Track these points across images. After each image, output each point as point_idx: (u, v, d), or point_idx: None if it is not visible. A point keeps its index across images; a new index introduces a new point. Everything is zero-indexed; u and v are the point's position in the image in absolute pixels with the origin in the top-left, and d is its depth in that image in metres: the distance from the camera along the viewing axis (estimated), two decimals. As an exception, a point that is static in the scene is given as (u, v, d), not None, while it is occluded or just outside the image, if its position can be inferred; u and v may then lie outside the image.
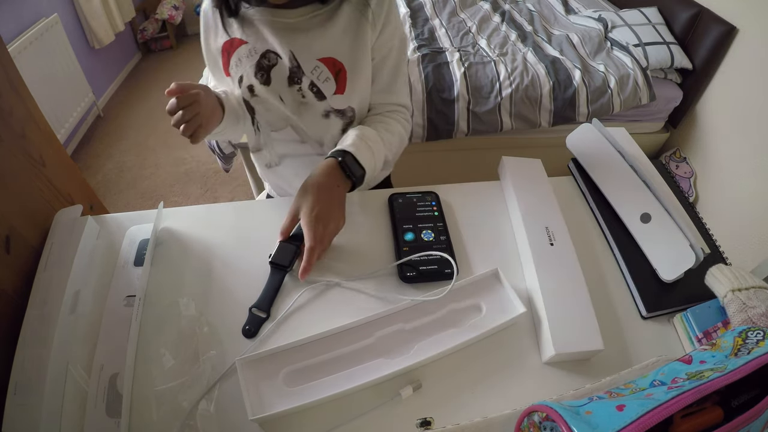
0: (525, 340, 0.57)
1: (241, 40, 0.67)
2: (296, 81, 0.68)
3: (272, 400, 0.49)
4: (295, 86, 0.68)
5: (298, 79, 0.68)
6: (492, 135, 1.71)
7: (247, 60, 0.67)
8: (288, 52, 0.66)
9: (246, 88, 0.69)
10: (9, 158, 0.64)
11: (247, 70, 0.68)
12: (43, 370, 0.50)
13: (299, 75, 0.67)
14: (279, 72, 0.68)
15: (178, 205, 0.62)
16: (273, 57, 0.67)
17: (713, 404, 0.36)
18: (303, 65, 0.66)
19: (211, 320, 0.57)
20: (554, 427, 0.36)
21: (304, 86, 0.68)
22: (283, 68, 0.67)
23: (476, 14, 2.11)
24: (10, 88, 0.67)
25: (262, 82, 0.68)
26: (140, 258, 0.62)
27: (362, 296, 0.60)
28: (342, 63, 0.67)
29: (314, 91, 0.68)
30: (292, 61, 0.66)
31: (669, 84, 1.78)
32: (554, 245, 0.64)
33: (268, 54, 0.67)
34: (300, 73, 0.67)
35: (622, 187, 0.71)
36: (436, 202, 0.71)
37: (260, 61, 0.67)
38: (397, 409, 0.50)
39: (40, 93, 1.76)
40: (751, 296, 0.52)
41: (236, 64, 0.69)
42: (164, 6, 3.06)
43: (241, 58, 0.68)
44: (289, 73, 0.67)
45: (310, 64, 0.66)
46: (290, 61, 0.66)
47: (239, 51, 0.67)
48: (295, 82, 0.68)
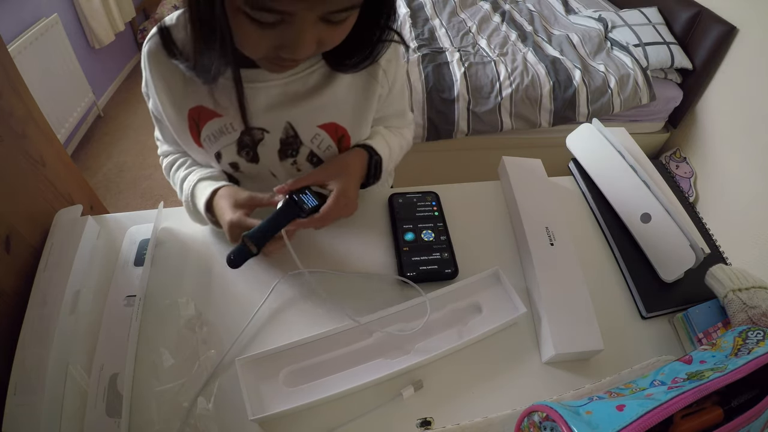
0: (525, 340, 0.57)
1: (213, 111, 0.54)
2: (290, 154, 0.59)
3: (272, 400, 0.49)
4: (288, 159, 0.60)
5: (293, 151, 0.59)
6: (492, 135, 1.71)
7: (225, 137, 0.56)
8: (283, 123, 0.57)
9: (228, 165, 0.60)
10: (9, 158, 0.64)
11: (226, 148, 0.58)
12: (43, 370, 0.49)
13: (295, 146, 0.58)
14: (267, 147, 0.58)
15: (178, 205, 0.62)
16: (257, 133, 0.56)
17: (713, 404, 0.36)
18: (302, 135, 0.58)
19: (211, 320, 0.57)
20: (554, 427, 0.36)
21: (300, 158, 0.60)
22: (272, 143, 0.58)
23: (476, 14, 2.11)
24: (10, 88, 0.67)
25: (248, 160, 0.59)
26: (140, 258, 0.62)
27: (362, 296, 0.60)
28: (345, 128, 0.59)
29: (313, 162, 0.61)
30: (288, 131, 0.57)
31: (669, 84, 1.78)
32: (554, 245, 0.64)
33: (251, 130, 0.56)
34: (297, 143, 0.58)
35: (622, 187, 0.71)
36: (436, 202, 0.71)
37: (242, 138, 0.56)
38: (398, 409, 0.50)
39: (40, 93, 1.76)
40: (752, 296, 0.52)
41: (209, 139, 0.57)
42: (164, 6, 3.06)
43: (214, 134, 0.56)
44: (280, 147, 0.58)
45: (309, 132, 0.58)
46: (284, 133, 0.57)
47: (210, 125, 0.55)
48: (289, 155, 0.59)
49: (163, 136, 0.65)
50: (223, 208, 0.55)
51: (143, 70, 0.56)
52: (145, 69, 0.55)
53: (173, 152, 0.67)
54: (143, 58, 0.55)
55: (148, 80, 0.55)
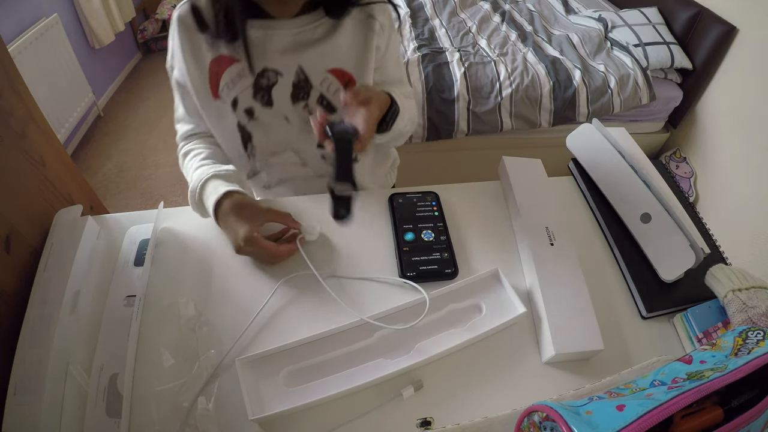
0: (525, 340, 0.57)
1: (231, 57, 0.60)
2: (302, 97, 0.64)
3: (272, 400, 0.49)
4: (300, 103, 0.64)
5: (305, 94, 0.64)
6: (492, 135, 1.71)
7: (242, 81, 0.61)
8: (295, 67, 0.62)
9: (243, 112, 0.64)
10: (9, 158, 0.64)
11: (243, 92, 0.62)
12: (43, 370, 0.50)
13: (306, 90, 0.63)
14: (281, 90, 0.63)
15: (178, 205, 0.63)
16: (272, 75, 0.61)
17: (713, 404, 0.36)
18: (312, 78, 0.63)
19: (211, 320, 0.57)
20: (554, 427, 0.36)
21: (311, 101, 0.64)
22: (285, 85, 0.62)
23: (476, 14, 2.11)
24: (10, 88, 0.67)
25: (263, 104, 0.63)
26: (140, 258, 0.62)
27: (362, 296, 0.60)
28: (351, 74, 0.64)
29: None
30: (299, 75, 0.62)
31: (669, 84, 1.78)
32: (554, 245, 0.64)
33: (266, 72, 0.61)
34: (307, 87, 0.63)
35: (622, 187, 0.71)
36: (436, 202, 0.71)
37: (258, 80, 0.61)
38: (398, 409, 0.50)
39: (40, 93, 1.76)
40: (752, 296, 0.52)
41: (227, 86, 0.62)
42: (164, 6, 3.06)
43: (233, 79, 0.61)
44: (293, 90, 0.63)
45: (319, 76, 0.63)
46: (296, 76, 0.62)
47: (230, 71, 0.61)
48: (301, 98, 0.64)
49: (185, 108, 0.68)
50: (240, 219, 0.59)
51: (170, 40, 0.62)
52: (173, 37, 0.61)
53: (192, 132, 0.70)
54: (172, 23, 0.60)
55: (175, 47, 0.61)
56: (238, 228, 0.58)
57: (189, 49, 0.60)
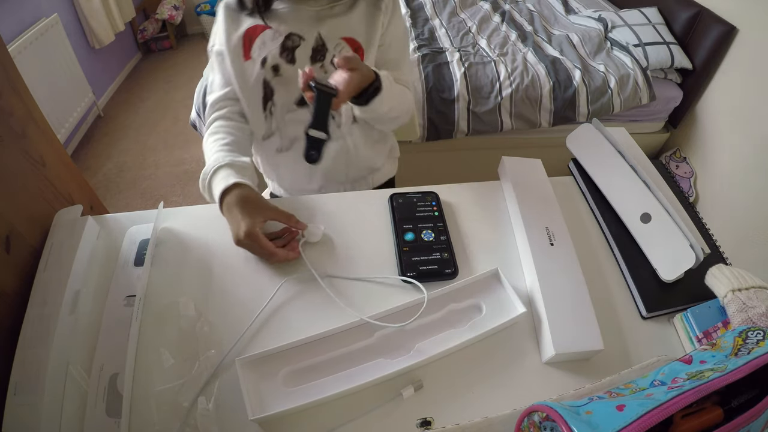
0: (525, 340, 0.57)
1: (264, 25, 0.74)
2: (319, 59, 0.75)
3: (272, 401, 0.49)
4: (317, 63, 0.76)
5: (322, 56, 0.75)
6: (492, 135, 1.71)
7: (272, 42, 0.74)
8: (315, 34, 0.74)
9: (270, 69, 0.75)
10: (9, 158, 0.64)
11: (272, 51, 0.74)
12: (43, 370, 0.50)
13: (323, 52, 0.75)
14: (303, 52, 0.75)
15: (178, 205, 0.62)
16: (296, 39, 0.74)
17: (713, 404, 0.36)
18: (328, 43, 0.75)
19: (211, 320, 0.57)
20: (554, 427, 0.36)
21: (326, 62, 0.76)
22: (306, 48, 0.75)
23: (476, 14, 2.11)
24: (10, 88, 0.67)
25: (287, 61, 0.74)
26: (140, 258, 0.62)
27: (362, 296, 0.60)
28: (360, 42, 0.76)
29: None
30: (318, 40, 0.74)
31: (669, 84, 1.78)
32: (554, 245, 0.64)
33: (291, 36, 0.74)
34: (324, 50, 0.75)
35: (622, 187, 0.71)
36: (436, 202, 0.71)
37: (285, 42, 0.74)
38: (398, 409, 0.50)
39: (40, 93, 1.76)
40: (752, 296, 0.52)
41: (260, 47, 0.75)
42: (164, 6, 3.06)
43: (265, 40, 0.74)
44: (312, 53, 0.75)
45: (334, 41, 0.75)
46: (316, 41, 0.74)
47: (263, 35, 0.74)
48: (318, 59, 0.75)
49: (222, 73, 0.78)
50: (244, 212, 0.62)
51: (216, 25, 0.77)
52: (219, 22, 0.75)
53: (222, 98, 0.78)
54: (219, 9, 0.75)
55: (219, 29, 0.75)
56: (241, 221, 0.62)
57: (231, 24, 0.75)
